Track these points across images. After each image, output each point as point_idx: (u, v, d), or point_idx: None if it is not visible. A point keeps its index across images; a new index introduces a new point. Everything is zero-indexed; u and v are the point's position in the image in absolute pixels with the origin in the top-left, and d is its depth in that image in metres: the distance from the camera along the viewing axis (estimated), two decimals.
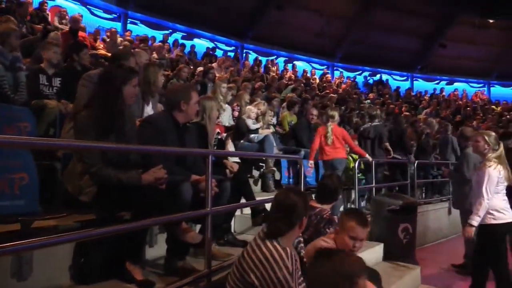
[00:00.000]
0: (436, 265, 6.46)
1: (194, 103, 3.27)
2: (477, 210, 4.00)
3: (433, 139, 9.69)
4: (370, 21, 18.80)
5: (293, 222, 2.30)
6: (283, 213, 2.30)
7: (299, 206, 2.31)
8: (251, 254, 2.24)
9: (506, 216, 4.03)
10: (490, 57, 21.51)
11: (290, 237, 2.34)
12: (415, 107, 16.19)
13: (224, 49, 16.38)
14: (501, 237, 4.08)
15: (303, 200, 2.36)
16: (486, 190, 3.98)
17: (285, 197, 2.38)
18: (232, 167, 3.85)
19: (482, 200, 3.98)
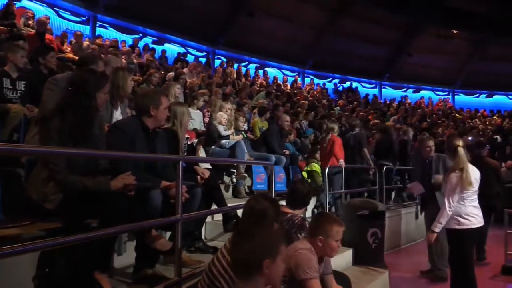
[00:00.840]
0: (404, 269, 6.59)
1: (164, 108, 3.23)
2: (439, 217, 4.12)
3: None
4: (340, 29, 19.16)
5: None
6: (253, 219, 2.30)
7: (270, 212, 2.32)
8: (221, 260, 2.23)
9: (471, 222, 4.10)
10: (454, 66, 22.29)
11: None
12: (383, 114, 16.54)
13: (196, 54, 16.30)
14: (465, 242, 4.15)
15: (274, 206, 2.37)
16: (448, 197, 4.08)
17: (256, 203, 2.38)
18: (203, 173, 3.82)
19: (444, 207, 4.09)
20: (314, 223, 2.92)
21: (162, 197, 2.99)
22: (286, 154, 7.15)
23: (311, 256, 2.75)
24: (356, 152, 7.78)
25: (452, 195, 4.06)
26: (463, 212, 4.10)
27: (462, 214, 4.09)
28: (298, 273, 2.69)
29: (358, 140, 7.86)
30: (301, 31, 18.65)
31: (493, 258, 6.94)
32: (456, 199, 4.07)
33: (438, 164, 5.48)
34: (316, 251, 2.80)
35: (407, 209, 8.90)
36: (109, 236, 2.58)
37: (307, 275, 2.70)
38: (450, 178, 4.11)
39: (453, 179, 4.08)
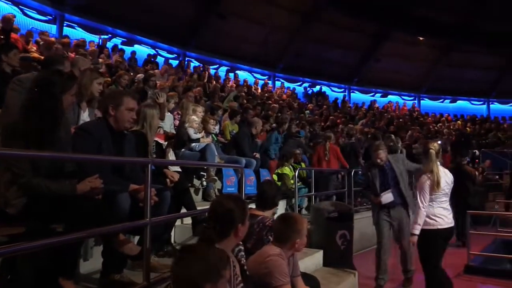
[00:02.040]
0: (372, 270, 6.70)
1: (125, 109, 3.15)
2: (415, 219, 4.24)
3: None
4: (311, 34, 19.39)
5: (227, 229, 2.30)
6: (218, 220, 2.29)
7: (235, 213, 2.31)
8: None
9: (438, 223, 4.20)
10: (420, 72, 22.94)
11: (227, 244, 2.33)
12: (352, 118, 16.83)
13: (166, 56, 16.14)
14: (431, 242, 4.24)
15: (240, 207, 2.36)
16: (421, 198, 4.20)
17: (221, 204, 2.38)
18: (173, 176, 3.79)
19: (418, 209, 4.22)
20: (284, 228, 2.93)
21: (130, 200, 2.94)
22: (256, 157, 7.17)
23: (282, 261, 2.77)
24: (350, 158, 8.80)
25: (424, 196, 4.18)
26: (430, 213, 4.20)
27: (429, 215, 4.20)
28: (270, 280, 2.70)
29: (354, 148, 9.11)
30: (272, 35, 18.76)
31: (457, 258, 7.17)
32: (427, 200, 4.18)
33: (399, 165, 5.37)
34: (290, 252, 2.85)
35: None
36: (75, 241, 2.51)
37: (279, 282, 2.71)
38: (421, 179, 4.24)
39: (424, 180, 4.21)
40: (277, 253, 2.79)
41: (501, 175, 13.96)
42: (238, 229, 2.33)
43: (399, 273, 5.49)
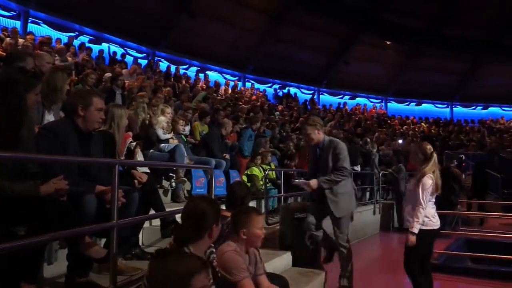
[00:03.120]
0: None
1: (94, 109, 3.09)
2: (417, 218, 4.18)
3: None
4: (281, 36, 19.53)
5: (201, 230, 2.30)
6: (192, 221, 2.29)
7: (208, 214, 2.32)
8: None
9: (433, 223, 4.27)
10: (388, 75, 23.49)
11: (201, 246, 2.33)
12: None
13: (135, 55, 15.87)
14: (427, 242, 4.29)
15: (213, 209, 2.37)
16: (422, 198, 4.18)
17: (195, 205, 2.38)
18: (141, 177, 3.73)
19: (420, 208, 4.18)
20: (233, 221, 2.97)
21: (96, 202, 2.88)
22: (226, 158, 7.16)
23: (237, 257, 2.78)
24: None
25: (426, 196, 4.18)
26: (428, 213, 4.24)
27: (427, 215, 4.23)
28: (228, 277, 2.71)
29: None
30: (243, 35, 18.79)
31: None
32: (427, 200, 4.21)
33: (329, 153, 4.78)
34: (244, 246, 2.86)
35: None
36: (38, 244, 2.44)
37: (237, 277, 2.73)
38: (426, 179, 4.21)
39: (428, 181, 4.21)
40: (232, 248, 2.80)
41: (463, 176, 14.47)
42: (212, 230, 2.34)
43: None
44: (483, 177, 12.50)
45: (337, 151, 4.70)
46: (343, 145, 4.84)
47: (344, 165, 4.68)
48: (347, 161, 4.75)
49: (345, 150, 4.79)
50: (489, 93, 24.04)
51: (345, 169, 4.68)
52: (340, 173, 4.66)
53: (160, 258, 1.80)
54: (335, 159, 4.69)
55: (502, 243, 7.62)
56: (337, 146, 4.73)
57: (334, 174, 4.65)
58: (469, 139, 20.08)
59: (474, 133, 21.59)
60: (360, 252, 8.58)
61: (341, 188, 4.74)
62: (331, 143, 4.79)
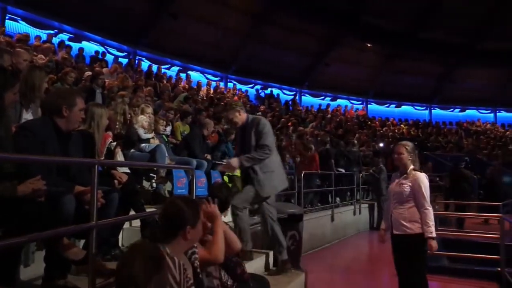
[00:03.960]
0: (320, 270, 6.88)
1: (78, 109, 3.08)
2: (429, 222, 3.98)
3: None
4: (264, 37, 19.58)
5: (175, 230, 2.25)
6: (166, 220, 2.26)
7: (184, 213, 2.27)
8: None
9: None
10: (368, 78, 23.81)
11: (177, 246, 2.28)
12: (302, 120, 17.13)
13: (116, 54, 15.68)
14: (422, 246, 4.09)
15: (191, 208, 2.31)
16: (426, 199, 4.02)
17: (172, 203, 2.35)
18: (121, 178, 3.69)
19: (427, 210, 3.99)
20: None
21: (75, 202, 2.84)
22: (207, 158, 7.13)
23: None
24: (324, 163, 10.15)
25: (428, 196, 4.03)
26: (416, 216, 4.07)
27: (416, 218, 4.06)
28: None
29: (329, 154, 10.46)
30: (225, 36, 18.77)
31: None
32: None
33: (251, 131, 4.61)
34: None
35: (324, 212, 9.30)
36: (15, 246, 2.39)
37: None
38: (423, 179, 4.07)
39: (426, 180, 4.07)
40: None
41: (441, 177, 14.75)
42: (187, 231, 2.27)
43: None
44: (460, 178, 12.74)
45: (260, 127, 4.55)
46: (265, 121, 4.71)
47: (266, 142, 4.51)
48: (269, 138, 4.59)
49: (267, 126, 4.64)
50: (466, 96, 24.66)
51: (267, 147, 4.49)
52: (262, 151, 4.48)
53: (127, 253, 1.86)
54: (258, 136, 4.53)
55: (477, 243, 7.78)
56: (259, 123, 4.60)
57: (256, 152, 4.49)
58: (447, 140, 20.51)
59: (452, 135, 22.07)
60: (340, 252, 8.75)
61: (265, 167, 4.55)
62: (253, 120, 4.65)
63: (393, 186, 4.31)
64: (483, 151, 19.16)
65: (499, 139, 22.08)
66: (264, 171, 4.54)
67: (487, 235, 8.00)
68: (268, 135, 4.57)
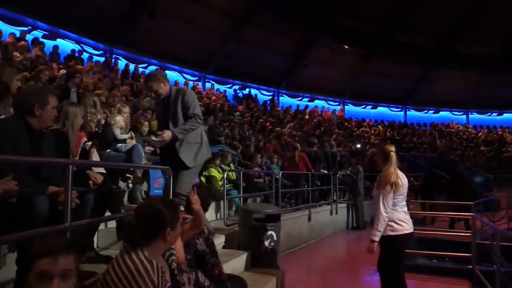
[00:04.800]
0: (298, 269, 6.91)
1: (51, 108, 3.02)
2: (376, 225, 4.00)
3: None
4: (242, 37, 19.57)
5: (154, 232, 2.21)
6: (144, 222, 2.22)
7: (163, 215, 2.22)
8: (115, 268, 2.13)
9: (403, 228, 4.06)
10: (345, 79, 24.07)
11: (156, 249, 2.25)
12: (280, 121, 17.22)
13: (92, 52, 15.40)
14: (398, 248, 4.10)
15: (170, 210, 2.27)
16: (384, 203, 4.00)
17: (150, 204, 2.30)
18: (96, 178, 3.63)
19: (380, 213, 3.99)
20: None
21: (49, 203, 2.77)
22: None
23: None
24: (315, 164, 10.73)
25: (387, 200, 4.00)
26: (396, 218, 4.05)
27: (395, 219, 4.04)
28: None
29: (318, 155, 11.00)
30: (203, 36, 18.68)
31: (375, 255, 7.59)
32: (390, 204, 4.02)
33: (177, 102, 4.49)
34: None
35: (301, 212, 9.35)
36: None
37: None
38: (382, 182, 4.05)
39: (385, 183, 4.02)
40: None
41: (416, 177, 15.04)
42: (166, 233, 2.23)
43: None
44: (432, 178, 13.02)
45: (186, 98, 4.47)
46: (191, 92, 4.68)
47: (196, 111, 4.47)
48: (198, 108, 4.55)
49: (194, 95, 4.61)
50: (440, 97, 25.29)
51: (198, 116, 4.47)
52: (195, 121, 4.44)
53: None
54: (185, 107, 4.46)
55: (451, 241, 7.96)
56: (185, 93, 4.53)
57: (188, 122, 4.42)
58: (421, 141, 20.94)
59: (426, 136, 22.56)
60: (317, 251, 8.81)
61: (192, 138, 4.50)
62: (178, 92, 4.55)
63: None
64: (456, 151, 19.65)
65: (471, 140, 22.71)
66: (191, 142, 4.50)
67: (460, 234, 8.20)
68: (197, 105, 4.54)
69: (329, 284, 6.44)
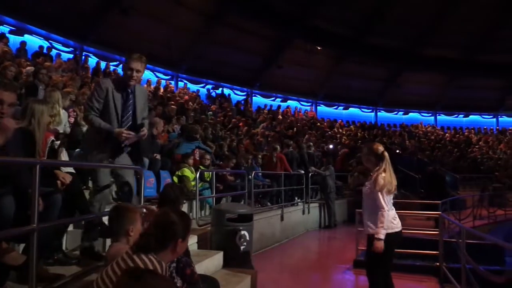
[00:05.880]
0: (270, 268, 6.95)
1: (7, 105, 2.92)
2: (381, 223, 3.95)
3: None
4: (216, 36, 19.44)
5: (166, 241, 2.25)
6: (158, 230, 2.25)
7: (177, 226, 2.29)
8: (122, 266, 2.15)
9: (395, 226, 4.08)
10: (318, 80, 24.30)
11: (162, 258, 2.26)
12: (253, 121, 17.24)
13: (61, 49, 14.99)
14: (390, 246, 4.05)
15: (183, 222, 2.34)
16: (383, 200, 4.00)
17: (165, 215, 2.34)
18: (64, 178, 3.53)
19: (384, 212, 3.97)
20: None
21: (15, 204, 2.69)
22: (156, 158, 7.01)
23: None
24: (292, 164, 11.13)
25: (384, 197, 4.01)
26: (390, 216, 4.07)
27: (389, 218, 4.05)
28: None
29: (293, 156, 11.41)
30: (176, 34, 18.49)
31: (347, 254, 7.72)
32: (387, 201, 4.04)
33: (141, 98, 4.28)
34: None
35: (273, 212, 9.40)
36: None
37: None
38: (379, 179, 4.03)
39: (381, 181, 4.02)
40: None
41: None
42: (177, 244, 2.29)
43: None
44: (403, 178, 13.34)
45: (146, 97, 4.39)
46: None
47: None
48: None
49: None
50: (409, 99, 25.95)
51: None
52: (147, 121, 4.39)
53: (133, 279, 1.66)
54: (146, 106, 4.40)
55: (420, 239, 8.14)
56: (146, 92, 4.46)
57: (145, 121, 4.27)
58: (391, 142, 21.37)
59: (396, 136, 23.04)
60: (290, 250, 8.88)
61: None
62: (140, 88, 4.39)
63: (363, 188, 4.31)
64: (424, 152, 20.17)
65: (439, 141, 23.37)
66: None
67: (428, 232, 8.40)
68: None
69: (301, 282, 6.49)
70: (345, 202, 13.53)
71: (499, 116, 27.29)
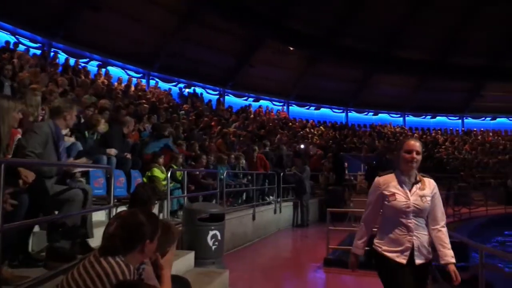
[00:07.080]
0: (242, 268, 6.96)
1: None
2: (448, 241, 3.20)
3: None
4: (188, 35, 19.31)
5: (134, 243, 2.21)
6: (124, 232, 2.19)
7: (145, 227, 2.24)
8: (88, 269, 2.09)
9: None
10: (290, 80, 24.49)
11: (132, 259, 2.22)
12: (225, 120, 17.19)
13: (29, 45, 14.52)
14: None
15: (151, 223, 2.29)
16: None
17: (132, 216, 2.28)
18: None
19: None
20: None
21: None
22: (127, 157, 6.90)
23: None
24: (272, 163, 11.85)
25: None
26: None
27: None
28: None
29: (269, 156, 11.96)
30: (149, 32, 18.25)
31: (318, 252, 7.82)
32: None
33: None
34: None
35: (245, 211, 9.41)
36: None
37: None
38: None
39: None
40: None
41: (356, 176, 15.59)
42: (145, 245, 2.25)
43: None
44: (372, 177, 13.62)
45: None
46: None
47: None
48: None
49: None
50: (379, 100, 26.48)
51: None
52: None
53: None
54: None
55: None
56: None
57: None
58: (361, 142, 21.75)
59: (366, 137, 23.49)
60: (262, 249, 8.92)
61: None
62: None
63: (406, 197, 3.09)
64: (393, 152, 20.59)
65: None
66: None
67: None
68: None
69: (273, 281, 6.53)
70: (317, 202, 13.69)
71: (465, 118, 28.20)
